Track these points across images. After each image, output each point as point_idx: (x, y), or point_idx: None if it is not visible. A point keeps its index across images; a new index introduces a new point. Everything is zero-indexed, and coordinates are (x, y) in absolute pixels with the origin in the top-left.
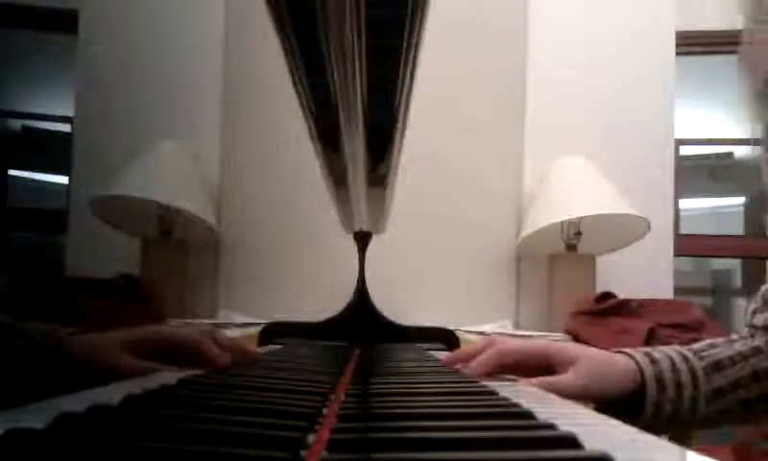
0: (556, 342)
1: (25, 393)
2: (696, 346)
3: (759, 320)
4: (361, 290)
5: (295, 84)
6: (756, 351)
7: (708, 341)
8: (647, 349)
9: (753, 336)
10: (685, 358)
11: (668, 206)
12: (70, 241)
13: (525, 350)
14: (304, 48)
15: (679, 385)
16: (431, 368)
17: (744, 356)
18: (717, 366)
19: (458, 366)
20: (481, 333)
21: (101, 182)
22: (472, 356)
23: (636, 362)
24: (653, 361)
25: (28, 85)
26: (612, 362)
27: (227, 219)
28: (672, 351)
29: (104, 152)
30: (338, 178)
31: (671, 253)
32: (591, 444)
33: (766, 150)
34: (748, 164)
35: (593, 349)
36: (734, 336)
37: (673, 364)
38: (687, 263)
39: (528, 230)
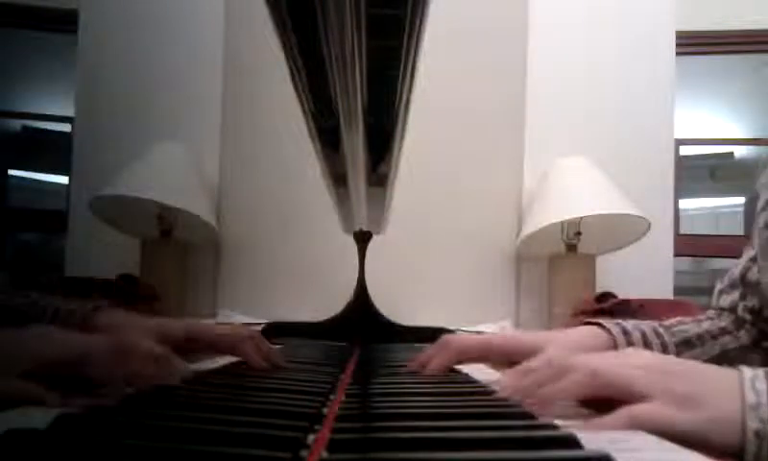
0: (513, 336)
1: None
2: (667, 322)
3: (725, 301)
4: (361, 290)
5: (295, 84)
6: (723, 331)
7: (677, 318)
8: (619, 320)
9: (719, 317)
10: (657, 333)
11: (668, 206)
12: (70, 241)
13: (484, 350)
14: (304, 48)
15: None
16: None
17: (713, 336)
18: (687, 343)
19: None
20: (480, 333)
21: (101, 182)
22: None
23: (609, 332)
24: (625, 332)
25: (28, 85)
26: (581, 340)
27: (227, 219)
28: (645, 325)
29: (104, 152)
30: (338, 178)
31: (671, 253)
32: (591, 444)
33: None
34: (748, 164)
35: (552, 333)
36: (701, 317)
37: (644, 337)
38: (687, 263)
39: (528, 230)
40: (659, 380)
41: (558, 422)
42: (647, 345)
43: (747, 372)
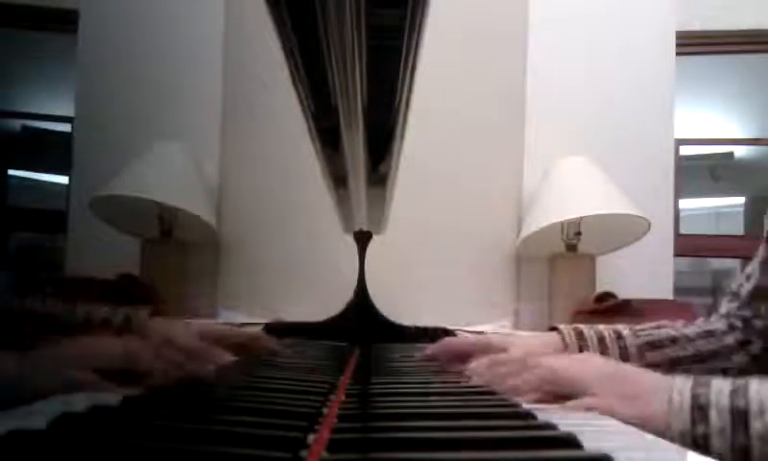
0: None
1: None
2: (640, 326)
3: (723, 307)
4: (361, 290)
5: (295, 84)
6: (708, 334)
7: (658, 322)
8: (579, 325)
9: (718, 322)
10: (619, 336)
11: (668, 206)
12: (70, 241)
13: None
14: (304, 48)
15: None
16: (431, 368)
17: (689, 339)
18: (653, 345)
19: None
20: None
21: (101, 182)
22: (465, 355)
23: (561, 335)
24: (580, 335)
25: (28, 85)
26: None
27: (227, 219)
28: (606, 329)
29: (104, 152)
30: (338, 178)
31: (671, 253)
32: (591, 444)
33: None
34: (748, 164)
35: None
36: (699, 321)
37: (602, 340)
38: (687, 263)
39: (528, 230)
40: (604, 382)
41: (530, 405)
42: (603, 348)
43: (678, 381)
